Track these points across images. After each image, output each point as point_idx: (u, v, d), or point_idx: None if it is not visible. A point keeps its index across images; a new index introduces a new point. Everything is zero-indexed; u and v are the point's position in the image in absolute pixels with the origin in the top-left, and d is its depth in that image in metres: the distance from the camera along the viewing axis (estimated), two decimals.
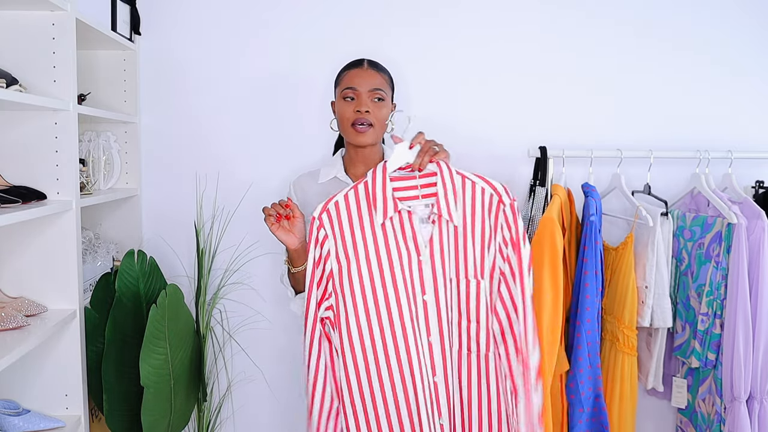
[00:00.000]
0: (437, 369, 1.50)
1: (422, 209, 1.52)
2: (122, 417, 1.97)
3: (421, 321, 1.49)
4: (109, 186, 2.22)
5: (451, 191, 1.50)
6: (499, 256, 1.49)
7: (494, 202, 1.50)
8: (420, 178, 1.53)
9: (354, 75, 1.76)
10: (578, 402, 1.97)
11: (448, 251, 1.50)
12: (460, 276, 1.50)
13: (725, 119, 2.34)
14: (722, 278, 1.98)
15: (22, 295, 1.81)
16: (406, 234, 1.50)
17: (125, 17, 2.21)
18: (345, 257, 1.50)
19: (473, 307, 1.50)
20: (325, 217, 1.52)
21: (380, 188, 1.51)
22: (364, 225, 1.51)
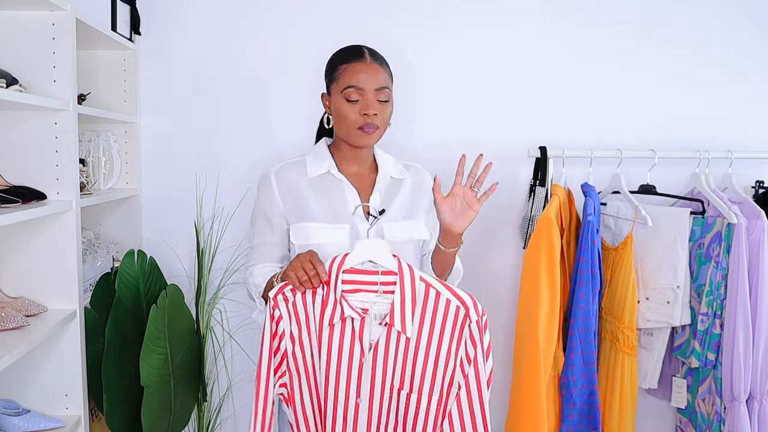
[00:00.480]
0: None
1: (381, 306, 1.42)
2: (122, 417, 1.97)
3: (350, 422, 1.44)
4: (109, 186, 2.22)
5: (410, 300, 1.39)
6: (459, 373, 1.40)
7: (460, 315, 1.39)
8: (382, 274, 1.43)
9: (357, 71, 1.58)
10: (569, 398, 1.98)
11: (394, 359, 1.42)
12: (404, 386, 1.42)
13: (725, 119, 2.34)
14: (722, 278, 1.98)
15: (22, 295, 1.81)
16: (354, 332, 1.42)
17: (125, 17, 2.21)
18: (299, 339, 1.45)
19: (411, 420, 1.43)
20: (280, 299, 1.45)
21: (333, 286, 1.42)
22: (315, 314, 1.44)
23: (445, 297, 1.40)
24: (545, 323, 1.85)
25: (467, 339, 1.39)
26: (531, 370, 1.84)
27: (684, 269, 2.03)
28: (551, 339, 1.88)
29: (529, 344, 1.84)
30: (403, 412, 1.42)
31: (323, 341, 1.43)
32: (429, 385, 1.41)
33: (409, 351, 1.40)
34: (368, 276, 1.43)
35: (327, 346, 1.43)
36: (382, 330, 1.41)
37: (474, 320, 1.39)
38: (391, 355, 1.41)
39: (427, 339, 1.40)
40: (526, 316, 1.88)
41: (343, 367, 1.43)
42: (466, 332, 1.39)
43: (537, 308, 1.84)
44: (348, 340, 1.42)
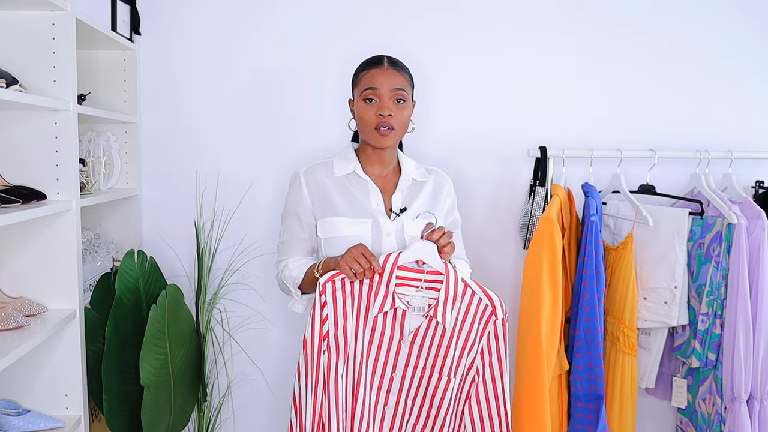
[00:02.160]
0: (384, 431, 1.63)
1: (420, 300, 1.60)
2: (122, 417, 1.97)
3: (383, 392, 1.61)
4: (109, 186, 2.22)
5: (452, 297, 1.59)
6: (479, 359, 1.61)
7: (487, 312, 1.60)
8: (427, 273, 1.61)
9: (374, 75, 1.72)
10: (575, 398, 1.98)
11: (429, 344, 1.60)
12: (435, 370, 1.61)
13: (725, 119, 2.34)
14: (722, 278, 1.98)
15: (22, 295, 1.81)
16: (396, 319, 1.60)
17: (125, 17, 2.21)
18: (343, 324, 1.60)
19: (437, 398, 1.62)
20: (329, 287, 1.59)
21: (385, 281, 1.58)
22: (361, 306, 1.59)
23: (478, 296, 1.60)
24: (548, 323, 1.85)
25: (491, 332, 1.60)
26: (534, 371, 1.83)
27: (682, 270, 2.03)
28: (554, 339, 1.88)
29: (532, 344, 1.84)
30: (432, 390, 1.62)
31: (368, 327, 1.60)
32: (453, 369, 1.61)
33: (444, 339, 1.60)
34: (413, 273, 1.60)
35: (371, 330, 1.60)
36: (421, 320, 1.59)
37: (499, 318, 1.59)
38: (427, 340, 1.60)
39: (459, 329, 1.60)
40: (528, 316, 1.88)
41: (383, 346, 1.60)
42: (490, 326, 1.60)
43: (539, 308, 1.84)
44: (389, 327, 1.60)
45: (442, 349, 1.60)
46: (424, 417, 1.64)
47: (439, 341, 1.61)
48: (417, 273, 1.61)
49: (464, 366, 1.62)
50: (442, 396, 1.61)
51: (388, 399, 1.62)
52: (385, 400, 1.62)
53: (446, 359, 1.61)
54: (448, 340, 1.60)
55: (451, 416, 1.63)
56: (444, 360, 1.61)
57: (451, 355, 1.61)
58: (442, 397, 1.62)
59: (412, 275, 1.61)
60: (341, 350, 1.60)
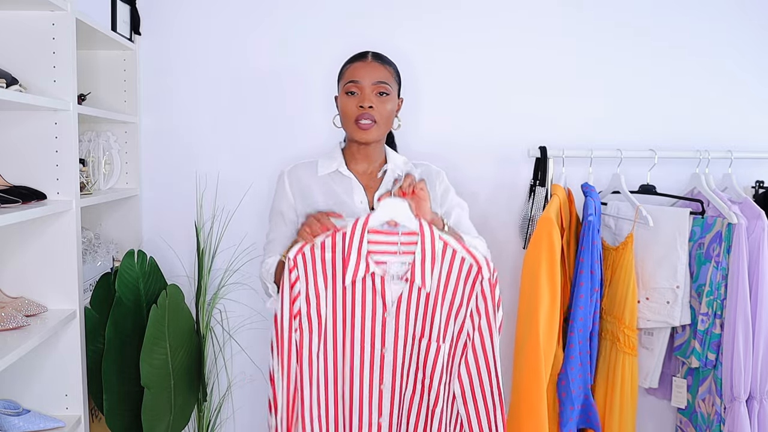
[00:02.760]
0: (384, 412, 1.57)
1: (398, 266, 1.52)
2: (122, 417, 1.97)
3: (376, 370, 1.55)
4: (109, 186, 2.22)
5: (430, 257, 1.50)
6: (469, 323, 1.53)
7: (473, 272, 1.51)
8: (402, 235, 1.52)
9: (357, 68, 1.69)
10: (569, 400, 1.98)
11: (415, 312, 1.53)
12: (424, 336, 1.54)
13: (725, 119, 2.34)
14: (722, 278, 1.98)
15: (22, 295, 1.81)
16: (375, 289, 1.52)
17: (125, 17, 2.21)
18: (315, 299, 1.53)
19: (430, 365, 1.55)
20: (299, 259, 1.52)
21: (356, 246, 1.50)
22: (336, 275, 1.52)
23: (461, 255, 1.52)
24: (545, 323, 1.85)
25: (478, 294, 1.51)
26: (532, 371, 1.83)
27: (684, 269, 2.03)
28: (552, 339, 1.88)
29: (530, 344, 1.84)
30: (423, 358, 1.54)
31: (347, 300, 1.52)
32: (443, 333, 1.53)
33: (429, 304, 1.52)
34: (387, 236, 1.52)
35: (351, 304, 1.52)
36: (402, 286, 1.52)
37: (486, 278, 1.50)
38: (413, 308, 1.53)
39: (443, 291, 1.53)
40: (526, 315, 1.88)
41: (367, 322, 1.53)
42: (477, 287, 1.51)
43: (537, 308, 1.84)
44: (370, 298, 1.52)
45: (428, 314, 1.53)
46: (419, 388, 1.56)
47: (424, 307, 1.53)
48: (391, 236, 1.52)
49: (453, 331, 1.54)
50: (433, 364, 1.54)
51: (383, 377, 1.55)
52: (380, 379, 1.55)
53: (433, 325, 1.53)
54: (432, 305, 1.52)
55: (444, 385, 1.56)
56: (431, 326, 1.53)
57: (438, 320, 1.53)
58: (434, 365, 1.54)
59: (386, 238, 1.52)
60: (314, 328, 1.53)
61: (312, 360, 1.54)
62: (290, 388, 1.54)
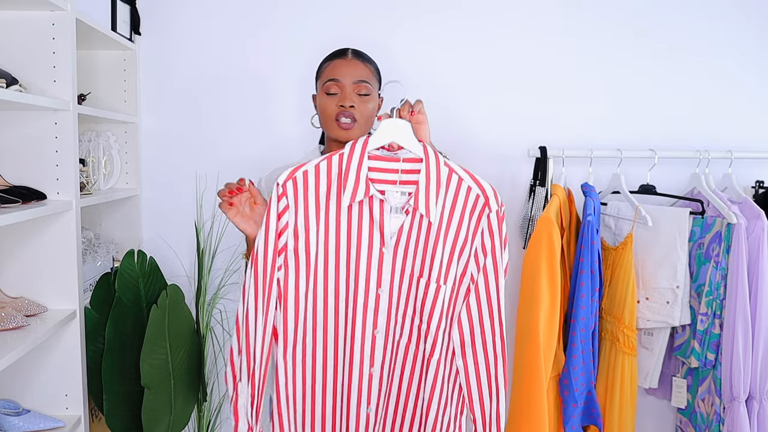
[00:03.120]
0: (376, 361, 1.42)
1: (397, 197, 1.38)
2: (122, 417, 1.97)
3: (370, 313, 1.40)
4: (109, 186, 2.22)
5: (434, 184, 1.36)
6: (473, 263, 1.38)
7: (479, 204, 1.38)
8: (403, 161, 1.37)
9: (337, 66, 1.62)
10: (572, 398, 1.98)
11: (415, 247, 1.39)
12: (423, 275, 1.39)
13: (725, 119, 2.34)
14: (722, 278, 1.98)
15: (22, 295, 1.81)
16: (373, 220, 1.37)
17: (125, 17, 2.21)
18: (305, 232, 1.37)
19: (428, 309, 1.40)
20: (290, 185, 1.37)
21: (355, 166, 1.36)
22: (330, 202, 1.37)
23: (467, 184, 1.38)
24: (546, 323, 1.85)
25: (485, 228, 1.37)
26: (532, 371, 1.83)
27: (684, 269, 2.03)
28: (552, 339, 1.88)
29: (530, 344, 1.84)
30: (421, 300, 1.40)
31: (341, 232, 1.37)
32: (444, 273, 1.38)
33: (430, 237, 1.37)
34: (388, 163, 1.38)
35: (346, 237, 1.38)
36: (402, 219, 1.38)
37: (494, 210, 1.37)
38: (412, 242, 1.38)
39: (446, 225, 1.38)
40: (526, 316, 1.88)
41: (362, 258, 1.38)
42: (483, 221, 1.37)
43: (537, 308, 1.84)
44: (366, 230, 1.37)
45: (428, 250, 1.37)
46: (415, 334, 1.42)
47: (425, 241, 1.37)
48: (391, 162, 1.38)
49: (456, 271, 1.38)
50: (431, 307, 1.39)
51: (377, 321, 1.40)
52: (374, 323, 1.40)
53: (434, 262, 1.38)
54: (434, 239, 1.37)
55: (442, 333, 1.41)
56: (431, 263, 1.38)
57: (440, 257, 1.38)
58: (432, 308, 1.39)
59: (386, 165, 1.38)
60: (302, 266, 1.38)
61: (299, 303, 1.39)
62: (265, 336, 1.37)
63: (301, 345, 1.42)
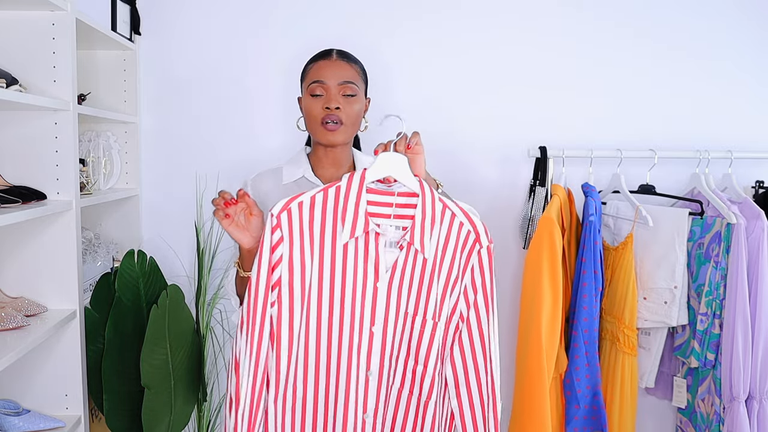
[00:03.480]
0: (369, 406, 1.37)
1: (392, 231, 1.36)
2: (122, 417, 1.97)
3: (363, 352, 1.36)
4: (109, 186, 2.22)
5: (429, 220, 1.35)
6: (462, 300, 1.37)
7: (470, 240, 1.36)
8: (398, 196, 1.36)
9: (321, 67, 1.58)
10: (574, 399, 1.98)
11: (409, 283, 1.36)
12: (418, 313, 1.36)
13: (725, 119, 2.34)
14: (721, 278, 1.98)
15: (22, 295, 1.81)
16: (368, 254, 1.34)
17: (125, 17, 2.21)
18: (300, 266, 1.35)
19: (424, 348, 1.37)
20: (284, 217, 1.34)
21: (353, 200, 1.34)
22: (325, 236, 1.35)
23: (459, 220, 1.37)
24: (548, 323, 1.85)
25: (475, 264, 1.36)
26: (534, 372, 1.83)
27: (682, 270, 2.03)
28: (554, 339, 1.88)
29: (532, 345, 1.84)
30: (417, 339, 1.37)
31: (336, 266, 1.34)
32: (438, 310, 1.37)
33: (425, 274, 1.35)
34: (383, 196, 1.36)
35: (341, 271, 1.34)
36: (396, 254, 1.35)
37: (484, 246, 1.36)
38: (407, 278, 1.36)
39: (440, 261, 1.36)
40: (528, 316, 1.88)
41: (357, 293, 1.35)
42: (474, 258, 1.36)
43: (539, 308, 1.84)
44: (361, 264, 1.34)
45: (424, 286, 1.35)
46: (409, 378, 1.38)
47: (420, 276, 1.35)
48: (386, 196, 1.36)
49: (448, 307, 1.37)
50: (428, 347, 1.36)
51: (370, 362, 1.35)
52: (367, 363, 1.35)
53: (429, 299, 1.36)
54: (430, 274, 1.35)
55: (438, 374, 1.38)
56: (427, 300, 1.36)
57: (435, 293, 1.36)
58: (429, 347, 1.36)
59: (381, 198, 1.36)
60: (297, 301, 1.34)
61: (292, 343, 1.35)
62: (257, 375, 1.33)
63: (291, 389, 1.37)
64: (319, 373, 1.37)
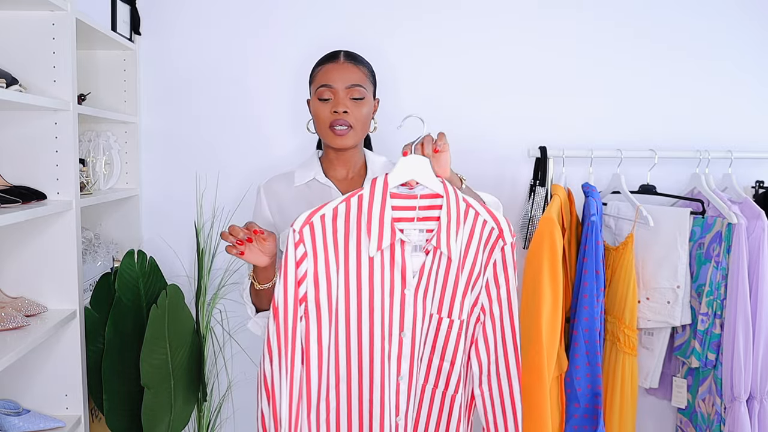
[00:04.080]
0: (401, 409, 1.38)
1: (416, 235, 1.34)
2: (122, 417, 1.97)
3: (393, 359, 1.36)
4: (109, 186, 2.22)
5: (455, 221, 1.34)
6: (484, 294, 1.38)
7: (493, 236, 1.37)
8: (421, 198, 1.35)
9: (329, 70, 1.57)
10: (574, 398, 1.98)
11: (434, 285, 1.36)
12: (442, 313, 1.37)
13: (725, 119, 2.34)
14: (722, 278, 1.98)
15: (22, 295, 1.81)
16: (395, 263, 1.33)
17: (125, 17, 2.21)
18: (326, 281, 1.33)
19: (451, 347, 1.38)
20: (306, 232, 1.31)
21: (378, 210, 1.31)
22: (349, 247, 1.32)
23: (483, 218, 1.37)
24: (548, 323, 1.85)
25: (497, 260, 1.37)
26: (534, 371, 1.83)
27: (684, 269, 2.03)
28: (554, 339, 1.88)
29: (532, 345, 1.84)
30: (444, 338, 1.38)
31: (362, 277, 1.33)
32: (459, 307, 1.37)
33: (450, 274, 1.35)
34: (405, 200, 1.35)
35: (369, 281, 1.33)
36: (422, 258, 1.34)
37: (508, 242, 1.37)
38: (432, 280, 1.35)
39: (463, 259, 1.36)
40: (529, 315, 1.88)
41: (385, 302, 1.34)
42: (497, 253, 1.37)
43: (540, 308, 1.84)
44: (388, 273, 1.33)
45: (449, 286, 1.36)
46: (434, 375, 1.39)
47: (444, 277, 1.35)
48: (409, 199, 1.34)
49: (469, 303, 1.37)
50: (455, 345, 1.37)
51: (401, 367, 1.35)
52: (398, 369, 1.35)
53: (455, 297, 1.36)
54: (455, 274, 1.35)
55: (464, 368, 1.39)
56: (453, 298, 1.36)
57: (459, 292, 1.36)
58: (456, 345, 1.37)
59: (403, 203, 1.34)
60: (324, 316, 1.33)
61: (321, 357, 1.33)
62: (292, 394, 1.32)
63: (324, 402, 1.37)
64: (351, 384, 1.37)
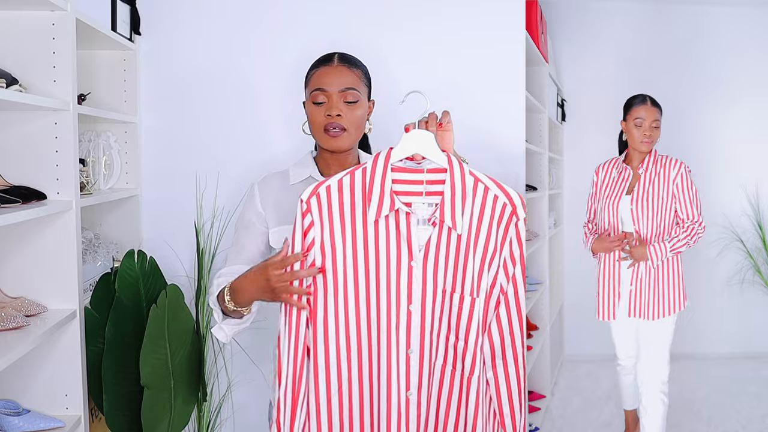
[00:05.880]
0: (412, 384, 1.36)
1: (423, 208, 1.35)
2: (122, 417, 1.97)
3: (402, 332, 1.35)
4: (109, 186, 2.22)
5: (460, 194, 1.34)
6: (502, 274, 1.36)
7: (507, 212, 1.35)
8: (427, 172, 1.36)
9: (323, 73, 1.58)
10: None
11: (445, 260, 1.35)
12: (456, 290, 1.36)
13: None
14: None
15: (22, 295, 1.81)
16: (400, 233, 1.34)
17: (125, 17, 2.21)
18: (331, 249, 1.35)
19: (464, 324, 1.37)
20: (314, 202, 1.35)
21: (379, 180, 1.34)
22: (355, 217, 1.35)
23: (494, 193, 1.35)
24: None
25: (513, 237, 1.36)
26: None
27: None
28: None
29: None
30: (456, 315, 1.36)
31: (369, 247, 1.34)
32: (476, 285, 1.36)
33: (460, 250, 1.34)
34: (412, 174, 1.36)
35: (374, 250, 1.34)
36: (430, 231, 1.34)
37: (521, 218, 1.35)
38: (442, 255, 1.35)
39: (475, 236, 1.35)
40: None
41: (392, 273, 1.34)
42: (512, 230, 1.35)
43: None
44: (394, 244, 1.34)
45: (460, 262, 1.35)
46: (451, 354, 1.37)
47: (455, 254, 1.34)
48: (415, 173, 1.36)
49: (487, 282, 1.36)
50: (468, 322, 1.35)
51: (410, 340, 1.35)
52: (407, 343, 1.35)
53: (465, 275, 1.35)
54: (465, 251, 1.34)
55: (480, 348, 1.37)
56: (464, 276, 1.35)
57: (471, 269, 1.35)
58: (468, 323, 1.35)
59: (411, 176, 1.36)
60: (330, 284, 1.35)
61: (328, 325, 1.35)
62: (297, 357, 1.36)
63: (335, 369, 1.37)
64: (361, 353, 1.37)
